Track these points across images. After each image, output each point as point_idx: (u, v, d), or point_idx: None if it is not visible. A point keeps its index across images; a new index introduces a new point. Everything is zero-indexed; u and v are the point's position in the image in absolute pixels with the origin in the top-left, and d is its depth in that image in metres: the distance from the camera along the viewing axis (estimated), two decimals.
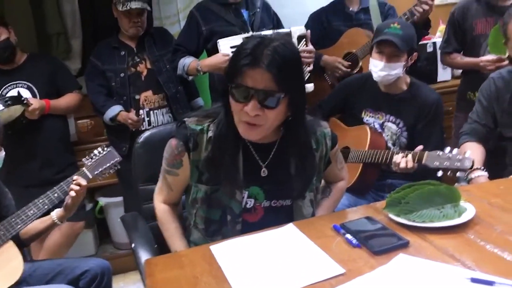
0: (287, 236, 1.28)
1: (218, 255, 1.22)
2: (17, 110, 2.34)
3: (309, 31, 2.48)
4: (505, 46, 2.09)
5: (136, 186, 1.83)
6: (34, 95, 2.51)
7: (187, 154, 1.39)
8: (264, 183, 1.40)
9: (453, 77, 3.40)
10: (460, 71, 2.99)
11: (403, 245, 1.14)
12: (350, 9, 2.82)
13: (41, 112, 2.46)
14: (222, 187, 1.37)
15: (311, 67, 2.49)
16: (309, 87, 2.49)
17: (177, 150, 1.41)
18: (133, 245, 1.63)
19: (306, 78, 2.48)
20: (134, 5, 2.51)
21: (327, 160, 1.50)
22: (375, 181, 2.28)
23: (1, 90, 2.47)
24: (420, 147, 1.95)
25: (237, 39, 2.42)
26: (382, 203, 1.36)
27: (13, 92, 2.48)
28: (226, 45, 2.42)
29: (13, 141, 1.83)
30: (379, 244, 1.15)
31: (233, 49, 2.38)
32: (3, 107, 2.23)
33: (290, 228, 1.32)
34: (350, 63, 2.75)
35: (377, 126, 2.30)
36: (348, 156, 2.31)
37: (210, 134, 1.37)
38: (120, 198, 2.90)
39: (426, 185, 1.29)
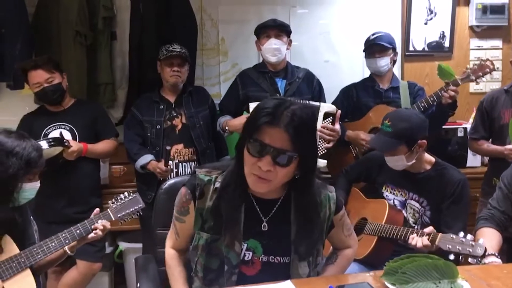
0: None
1: None
2: (56, 149, 2.50)
3: (339, 111, 2.61)
4: None
5: (154, 230, 1.92)
6: (74, 137, 2.67)
7: (193, 202, 1.46)
8: (264, 237, 1.44)
9: (483, 164, 3.39)
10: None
11: None
12: (380, 86, 2.94)
13: (78, 154, 2.61)
14: (222, 236, 1.42)
15: (329, 145, 2.58)
16: (322, 163, 2.58)
17: (185, 198, 1.48)
18: (138, 284, 1.69)
19: (321, 154, 2.57)
20: (175, 49, 2.75)
21: (330, 224, 1.52)
22: (391, 255, 2.27)
23: (45, 129, 2.66)
24: (431, 228, 1.95)
25: None
26: (381, 272, 1.38)
27: (55, 133, 2.66)
28: None
29: (45, 177, 1.96)
30: None
31: None
32: (47, 146, 2.39)
33: (287, 285, 1.35)
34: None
35: (397, 203, 2.33)
36: (364, 228, 2.33)
37: (217, 185, 1.44)
38: (140, 245, 2.96)
39: (424, 258, 1.31)
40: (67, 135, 2.66)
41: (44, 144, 2.34)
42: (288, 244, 1.43)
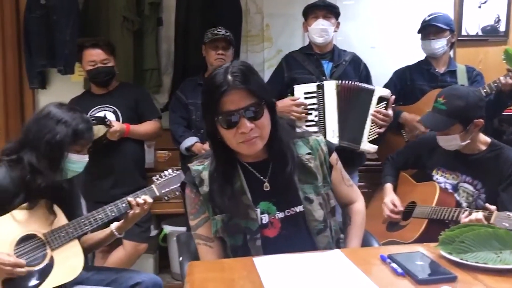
0: (331, 260, 1.26)
1: (259, 266, 1.23)
2: (100, 130, 2.55)
3: (393, 96, 2.52)
4: None
5: None
6: (117, 119, 2.72)
7: (199, 193, 1.45)
8: (271, 196, 1.43)
9: None
10: None
11: (450, 279, 1.08)
12: (436, 70, 2.82)
13: (121, 134, 2.65)
14: (235, 212, 1.40)
15: (381, 130, 2.50)
16: (372, 148, 2.50)
17: (193, 193, 1.47)
18: (180, 258, 1.68)
19: (372, 139, 2.49)
20: (220, 32, 2.76)
21: (329, 166, 1.51)
22: None
23: (91, 111, 2.72)
24: (494, 207, 1.85)
25: (311, 86, 2.54)
26: (435, 244, 1.30)
27: (100, 114, 2.71)
28: (300, 91, 2.55)
29: (92, 158, 1.99)
30: (424, 274, 1.10)
31: (306, 95, 2.53)
32: None
33: (335, 253, 1.30)
34: None
35: (448, 186, 2.23)
36: (413, 212, 2.24)
37: (211, 169, 1.45)
38: (184, 229, 2.98)
39: (484, 227, 1.22)
40: (111, 117, 2.70)
41: None
42: (295, 192, 1.43)
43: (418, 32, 2.84)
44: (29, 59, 3.13)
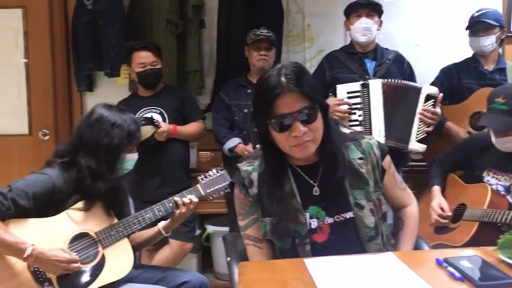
0: (384, 262, 1.24)
1: (311, 267, 1.22)
2: (147, 131, 2.61)
3: (441, 94, 2.47)
4: None
5: None
6: (164, 120, 2.77)
7: (248, 194, 1.45)
8: (320, 201, 1.41)
9: None
10: None
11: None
12: (485, 67, 2.73)
13: (168, 135, 2.70)
14: (284, 215, 1.39)
15: (430, 129, 2.45)
16: (421, 148, 2.45)
17: (242, 194, 1.47)
18: (228, 258, 1.69)
19: (421, 138, 2.44)
20: (262, 32, 2.77)
21: (381, 170, 1.47)
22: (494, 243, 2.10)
23: (138, 113, 2.77)
24: None
25: (354, 86, 2.51)
26: (493, 248, 1.26)
27: (146, 116, 2.76)
28: (343, 91, 2.52)
29: (140, 159, 2.05)
30: (484, 279, 1.06)
31: (349, 94, 2.50)
32: None
33: (388, 256, 1.28)
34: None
35: (500, 188, 2.15)
36: (463, 214, 2.18)
37: (260, 171, 1.44)
38: (226, 229, 3.00)
39: None
40: (157, 118, 2.75)
41: None
42: (346, 197, 1.40)
43: (466, 29, 2.75)
44: (77, 62, 3.23)
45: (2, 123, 3.39)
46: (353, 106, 2.49)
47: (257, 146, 2.68)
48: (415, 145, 2.43)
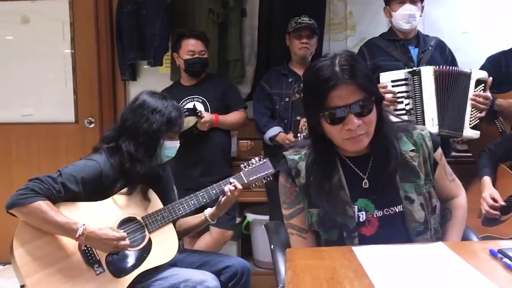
0: (434, 252, 1.22)
1: (360, 255, 1.21)
2: (190, 121, 2.64)
3: (490, 78, 2.41)
4: None
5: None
6: (206, 109, 2.79)
7: (295, 183, 1.42)
8: (370, 194, 1.38)
9: None
10: None
11: None
12: None
13: (211, 124, 2.72)
14: (332, 208, 1.36)
15: (482, 114, 2.38)
16: (475, 134, 2.38)
17: (288, 183, 1.44)
18: (272, 246, 1.69)
19: (474, 125, 2.38)
20: (303, 20, 2.75)
21: (433, 162, 1.43)
22: None
23: (181, 102, 2.79)
24: None
25: (399, 74, 2.45)
26: None
27: (189, 105, 2.79)
28: (387, 78, 2.46)
29: (182, 148, 2.07)
30: None
31: (394, 83, 2.44)
32: None
33: (438, 246, 1.25)
34: None
35: None
36: None
37: (309, 161, 1.40)
38: (266, 217, 3.01)
39: None
40: (200, 107, 2.78)
41: None
42: (396, 190, 1.37)
43: None
44: (121, 52, 3.30)
45: (50, 112, 3.51)
46: (399, 95, 2.44)
47: (298, 135, 2.71)
48: (469, 132, 2.37)
